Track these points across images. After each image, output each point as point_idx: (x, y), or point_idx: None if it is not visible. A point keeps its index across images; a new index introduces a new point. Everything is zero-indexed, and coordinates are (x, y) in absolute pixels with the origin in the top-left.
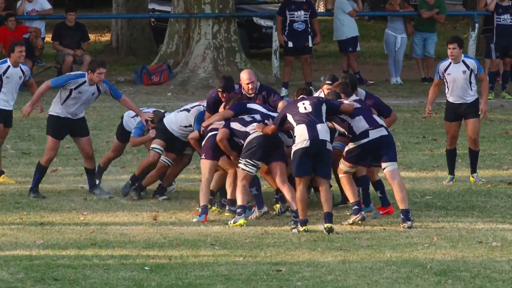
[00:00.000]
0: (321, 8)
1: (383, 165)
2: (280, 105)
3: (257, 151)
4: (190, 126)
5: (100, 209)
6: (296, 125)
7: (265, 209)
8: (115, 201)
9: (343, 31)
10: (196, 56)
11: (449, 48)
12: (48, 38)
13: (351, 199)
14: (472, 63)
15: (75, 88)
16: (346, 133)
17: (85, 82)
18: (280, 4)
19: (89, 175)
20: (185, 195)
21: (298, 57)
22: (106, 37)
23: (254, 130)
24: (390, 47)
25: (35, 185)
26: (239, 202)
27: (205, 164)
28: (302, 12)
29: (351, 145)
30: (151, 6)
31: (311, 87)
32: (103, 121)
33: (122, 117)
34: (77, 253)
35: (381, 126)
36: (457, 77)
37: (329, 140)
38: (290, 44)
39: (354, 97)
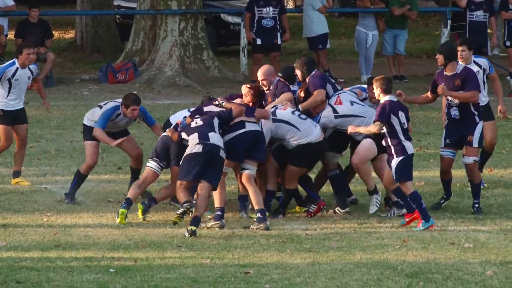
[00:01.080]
0: (290, 5)
1: None
2: (282, 97)
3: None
4: None
5: (64, 210)
6: (188, 136)
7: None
8: (79, 202)
9: (313, 28)
10: (162, 54)
11: (458, 50)
12: (11, 35)
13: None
14: (484, 62)
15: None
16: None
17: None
18: (248, 1)
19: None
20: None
21: (267, 54)
22: (70, 34)
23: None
24: (361, 44)
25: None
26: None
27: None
28: (271, 9)
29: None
30: (116, 2)
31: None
32: (66, 120)
33: None
34: (40, 255)
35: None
36: None
37: (222, 147)
38: (259, 41)
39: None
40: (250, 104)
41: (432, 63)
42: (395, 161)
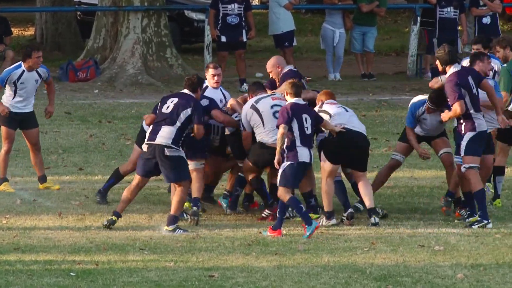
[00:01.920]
0: (256, 1)
1: None
2: (282, 86)
3: None
4: None
5: (23, 212)
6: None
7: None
8: (39, 204)
9: (279, 25)
10: (124, 51)
11: (473, 49)
12: None
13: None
14: (496, 63)
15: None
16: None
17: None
18: None
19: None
20: (114, 198)
21: (232, 52)
22: (30, 31)
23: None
24: (327, 42)
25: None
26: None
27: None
28: (236, 5)
29: None
30: None
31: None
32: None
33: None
34: None
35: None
36: None
37: (168, 145)
38: (224, 39)
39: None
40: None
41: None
42: (282, 166)
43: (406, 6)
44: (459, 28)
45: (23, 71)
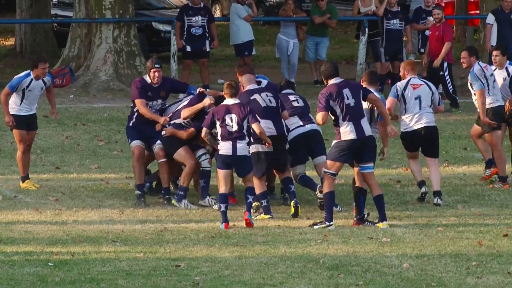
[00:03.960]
0: (217, 13)
1: None
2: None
3: None
4: None
5: (5, 207)
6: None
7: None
8: (20, 200)
9: (239, 35)
10: (97, 60)
11: (493, 55)
12: None
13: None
14: None
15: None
16: None
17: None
18: (178, 10)
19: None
20: (88, 194)
21: (196, 60)
22: (10, 41)
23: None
24: (282, 51)
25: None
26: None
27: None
28: (200, 18)
29: None
30: (53, 11)
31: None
32: None
33: None
34: None
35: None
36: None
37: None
38: (188, 48)
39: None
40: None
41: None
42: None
43: (355, 18)
44: (404, 38)
45: (32, 79)
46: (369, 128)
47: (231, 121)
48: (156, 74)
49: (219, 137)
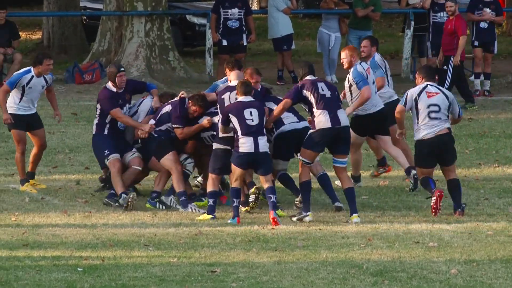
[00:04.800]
0: (255, 6)
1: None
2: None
3: None
4: None
5: (32, 210)
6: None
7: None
8: (47, 202)
9: (278, 29)
10: (128, 55)
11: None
12: None
13: None
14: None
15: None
16: None
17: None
18: (214, 2)
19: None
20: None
21: (233, 55)
22: (37, 35)
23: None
24: (324, 45)
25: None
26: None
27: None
28: (237, 10)
29: None
30: (82, 3)
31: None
32: None
33: None
34: (8, 254)
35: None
36: None
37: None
38: (224, 42)
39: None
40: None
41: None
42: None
43: (400, 11)
44: None
45: (32, 76)
46: (346, 118)
47: (251, 115)
48: (123, 78)
49: (239, 134)
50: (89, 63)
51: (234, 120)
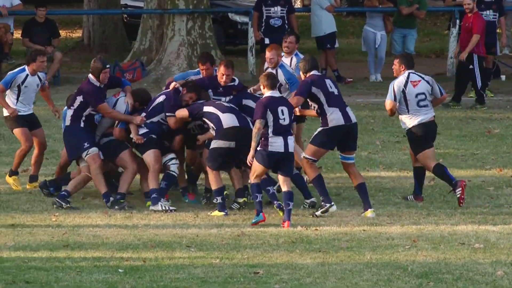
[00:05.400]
0: (298, 4)
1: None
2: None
3: None
4: None
5: (72, 210)
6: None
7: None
8: (88, 202)
9: (321, 27)
10: (170, 53)
11: None
12: (17, 34)
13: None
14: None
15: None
16: None
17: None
18: (256, 0)
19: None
20: None
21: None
22: (77, 34)
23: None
24: (369, 44)
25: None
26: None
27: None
28: (279, 8)
29: None
30: (123, 1)
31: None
32: None
33: None
34: (49, 255)
35: None
36: None
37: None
38: (267, 41)
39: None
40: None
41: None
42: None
43: (445, 9)
44: (498, 30)
45: (27, 75)
46: (353, 115)
47: (283, 114)
48: (107, 75)
49: (269, 132)
50: (130, 62)
51: (269, 118)
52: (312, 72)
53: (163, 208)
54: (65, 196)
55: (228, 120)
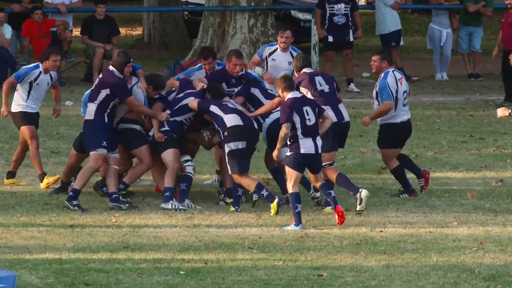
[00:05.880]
0: (362, 1)
1: None
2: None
3: None
4: None
5: (132, 211)
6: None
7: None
8: (148, 202)
9: (386, 24)
10: None
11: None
12: (76, 32)
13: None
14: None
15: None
16: None
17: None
18: None
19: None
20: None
21: (339, 52)
22: (137, 31)
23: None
24: (435, 42)
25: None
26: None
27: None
28: (343, 5)
29: None
30: None
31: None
32: None
33: None
34: (109, 256)
35: None
36: None
37: None
38: (330, 39)
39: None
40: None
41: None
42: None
43: None
44: None
45: (40, 72)
46: (347, 113)
47: (307, 114)
48: (131, 68)
49: (298, 134)
50: (191, 59)
51: (296, 119)
52: (304, 70)
53: (174, 207)
54: (117, 199)
55: (232, 119)
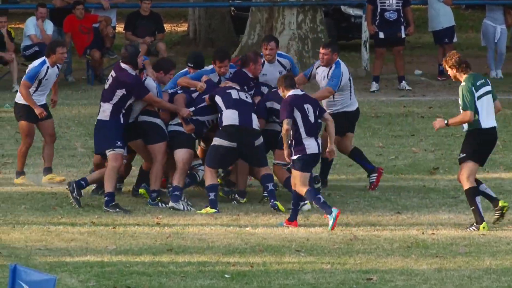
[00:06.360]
0: None
1: None
2: None
3: None
4: None
5: (176, 212)
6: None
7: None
8: (193, 203)
9: (439, 20)
10: (280, 48)
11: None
12: (120, 28)
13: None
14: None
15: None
16: None
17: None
18: None
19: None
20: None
21: (390, 48)
22: (182, 27)
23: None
24: (489, 38)
25: None
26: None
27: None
28: (394, 1)
29: None
30: None
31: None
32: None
33: None
34: (152, 259)
35: None
36: None
37: None
38: (381, 35)
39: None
40: None
41: None
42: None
43: None
44: None
45: (48, 67)
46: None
47: (308, 112)
48: (142, 58)
49: (303, 133)
50: (238, 57)
51: (297, 117)
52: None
53: (184, 207)
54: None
55: (229, 117)
